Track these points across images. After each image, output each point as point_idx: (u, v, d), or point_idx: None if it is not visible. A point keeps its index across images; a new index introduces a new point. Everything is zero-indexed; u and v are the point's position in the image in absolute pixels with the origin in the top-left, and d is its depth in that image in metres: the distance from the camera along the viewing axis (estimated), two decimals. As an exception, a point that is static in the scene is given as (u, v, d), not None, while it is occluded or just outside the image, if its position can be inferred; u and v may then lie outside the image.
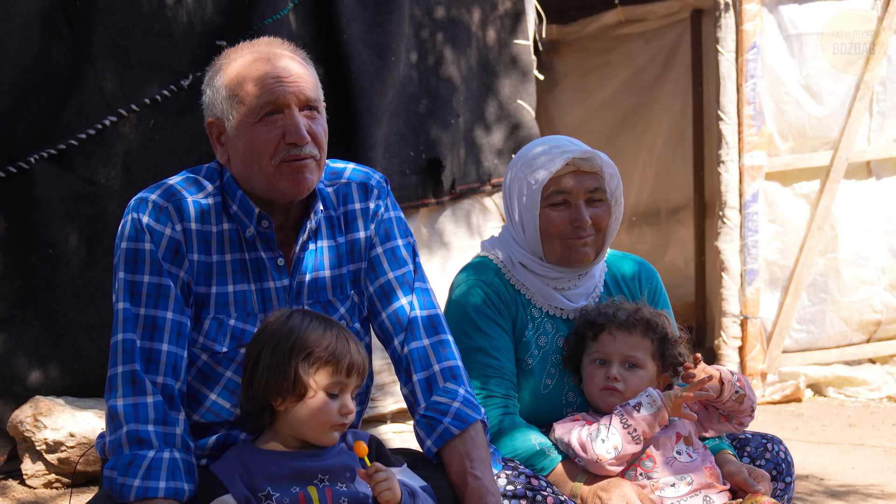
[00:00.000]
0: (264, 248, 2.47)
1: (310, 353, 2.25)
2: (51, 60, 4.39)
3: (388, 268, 2.57)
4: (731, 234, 6.24)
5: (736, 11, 6.16)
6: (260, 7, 4.67)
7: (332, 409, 2.26)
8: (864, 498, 4.38)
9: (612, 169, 2.93)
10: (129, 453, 2.26)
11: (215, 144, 2.47)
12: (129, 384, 2.31)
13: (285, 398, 2.26)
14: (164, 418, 2.31)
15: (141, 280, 2.37)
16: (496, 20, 5.50)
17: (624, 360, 2.80)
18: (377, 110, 4.98)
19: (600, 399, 2.81)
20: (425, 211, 5.34)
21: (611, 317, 2.83)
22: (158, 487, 2.24)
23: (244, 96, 2.38)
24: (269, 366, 2.26)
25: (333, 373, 2.26)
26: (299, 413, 2.27)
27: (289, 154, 2.38)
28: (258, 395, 2.28)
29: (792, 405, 6.27)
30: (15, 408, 4.28)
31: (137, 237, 2.38)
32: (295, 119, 2.38)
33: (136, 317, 2.35)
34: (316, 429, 2.27)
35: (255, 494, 2.22)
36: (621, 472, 2.70)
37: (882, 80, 6.34)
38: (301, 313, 2.33)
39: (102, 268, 4.41)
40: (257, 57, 2.41)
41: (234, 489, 2.21)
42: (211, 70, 2.48)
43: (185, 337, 2.39)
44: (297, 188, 2.41)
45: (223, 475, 2.23)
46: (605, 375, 2.79)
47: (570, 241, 2.88)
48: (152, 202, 2.41)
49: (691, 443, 2.77)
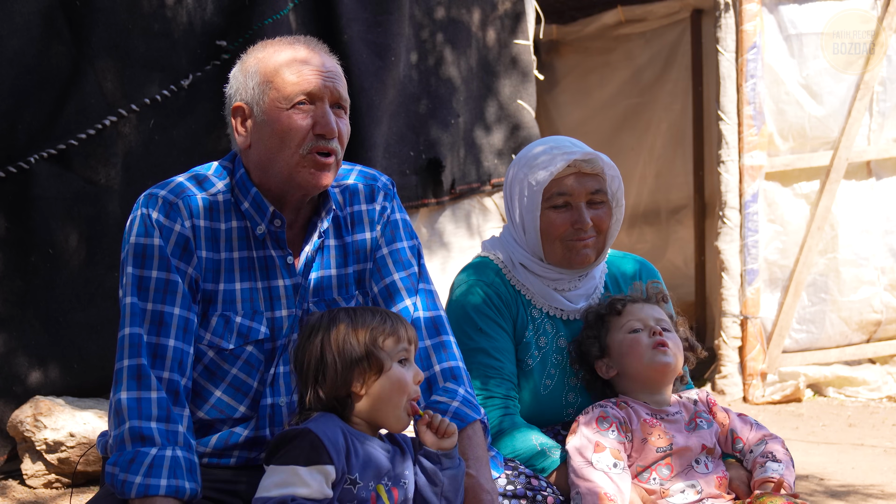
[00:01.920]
0: (274, 246, 2.47)
1: (372, 329, 2.27)
2: (51, 60, 4.39)
3: (393, 269, 2.58)
4: (731, 234, 6.25)
5: (736, 11, 6.16)
6: (260, 7, 4.67)
7: (408, 379, 2.28)
8: (864, 498, 4.38)
9: (614, 170, 2.93)
10: (132, 450, 2.26)
11: (237, 129, 2.47)
12: (135, 378, 2.31)
13: (365, 379, 2.26)
14: (168, 415, 2.31)
15: (149, 275, 2.37)
16: (496, 20, 5.50)
17: (658, 323, 2.80)
18: (377, 110, 4.98)
19: (652, 360, 2.74)
20: (425, 211, 5.34)
21: (627, 296, 2.86)
22: (159, 485, 2.24)
23: (280, 83, 2.40)
24: (339, 354, 2.26)
25: (398, 341, 2.28)
26: (382, 389, 2.27)
27: (316, 145, 2.40)
28: (338, 384, 2.26)
29: (792, 405, 6.27)
30: (15, 408, 4.28)
31: (147, 232, 2.39)
32: (326, 111, 2.41)
33: (144, 312, 2.36)
34: (398, 403, 2.27)
35: (344, 475, 2.21)
36: (635, 474, 2.69)
37: (882, 80, 6.34)
38: (338, 308, 2.36)
39: (102, 268, 4.41)
40: (296, 48, 2.45)
41: (338, 462, 2.19)
42: (244, 57, 2.50)
43: (191, 333, 2.39)
44: (316, 183, 2.42)
45: (331, 445, 2.19)
46: (652, 332, 2.75)
47: (571, 242, 2.88)
48: (162, 198, 2.42)
49: (713, 453, 2.76)
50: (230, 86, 2.50)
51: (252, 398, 2.46)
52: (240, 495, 2.43)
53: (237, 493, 2.43)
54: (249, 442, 2.45)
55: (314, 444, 2.18)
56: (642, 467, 2.69)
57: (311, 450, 2.17)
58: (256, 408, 2.46)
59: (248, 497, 2.42)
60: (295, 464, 2.16)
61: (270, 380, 2.46)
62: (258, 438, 2.46)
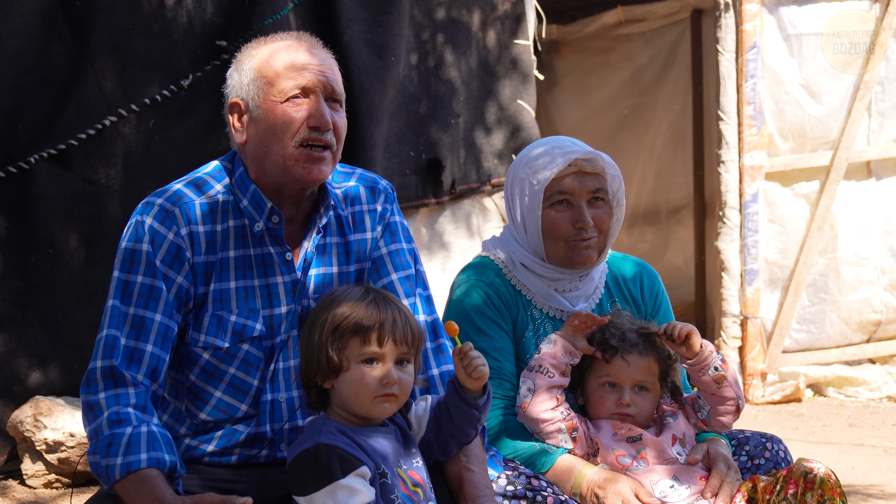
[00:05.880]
0: (272, 242, 2.48)
1: (336, 327, 2.25)
2: (51, 60, 4.39)
3: (391, 269, 2.59)
4: (731, 234, 6.25)
5: (736, 11, 6.16)
6: (260, 7, 4.67)
7: (371, 380, 2.24)
8: (865, 498, 4.38)
9: (615, 170, 2.93)
10: (108, 433, 2.26)
11: (233, 125, 2.49)
12: (109, 378, 2.32)
13: (325, 377, 2.26)
14: (144, 406, 2.32)
15: (134, 280, 2.39)
16: (496, 21, 5.50)
17: (635, 385, 2.78)
18: (377, 110, 4.98)
19: (612, 416, 2.77)
20: (425, 211, 5.34)
21: (624, 340, 2.78)
22: (140, 459, 2.23)
23: (273, 77, 2.42)
24: (305, 347, 2.29)
25: (362, 343, 2.24)
26: (341, 389, 2.26)
27: (310, 136, 2.41)
28: (302, 376, 2.30)
29: (792, 405, 6.27)
30: (15, 408, 4.28)
31: (137, 238, 2.41)
32: (320, 103, 2.43)
33: (125, 315, 2.37)
34: (358, 402, 2.25)
35: (375, 472, 2.20)
36: (623, 469, 2.70)
37: (881, 81, 6.35)
38: (340, 289, 2.35)
39: (102, 268, 4.41)
40: (290, 43, 2.48)
41: (368, 461, 2.17)
42: (239, 55, 2.52)
43: (169, 341, 2.40)
44: (310, 176, 2.42)
45: (350, 448, 2.17)
46: (617, 401, 2.76)
47: (573, 242, 2.87)
48: (158, 205, 2.43)
49: (686, 444, 2.77)
50: (227, 84, 2.53)
51: (253, 396, 2.46)
52: (240, 494, 2.42)
53: (238, 491, 2.42)
54: (250, 439, 2.46)
55: (338, 454, 2.16)
56: (566, 411, 2.73)
57: (339, 460, 2.16)
58: (257, 405, 2.46)
59: (248, 496, 2.42)
60: (333, 480, 2.14)
61: (270, 376, 2.46)
62: (258, 435, 2.46)
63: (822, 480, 2.55)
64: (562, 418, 2.71)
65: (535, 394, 2.71)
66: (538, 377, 2.73)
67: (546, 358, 2.74)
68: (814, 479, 2.56)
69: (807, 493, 2.56)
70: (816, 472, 2.56)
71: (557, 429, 2.70)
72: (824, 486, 2.55)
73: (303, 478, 2.18)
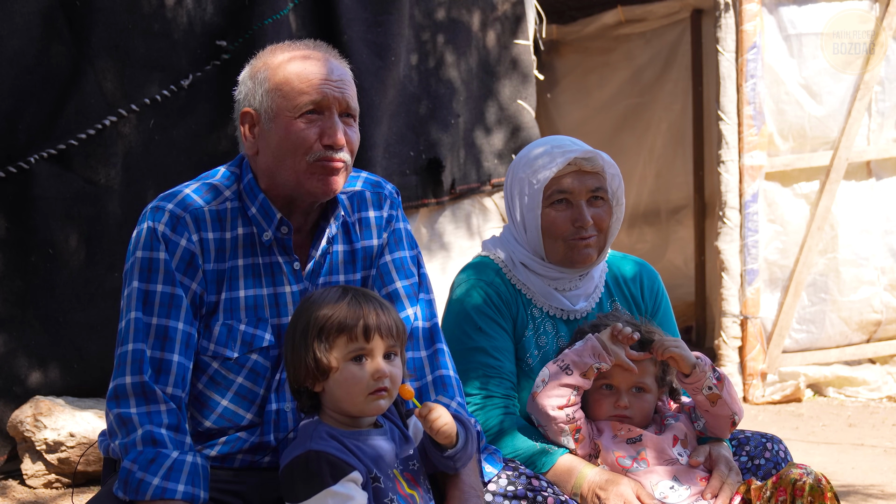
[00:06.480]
0: (280, 252, 2.47)
1: (320, 329, 2.24)
2: (51, 60, 4.39)
3: (395, 277, 2.58)
4: (731, 234, 6.24)
5: (736, 11, 6.16)
6: (260, 7, 4.67)
7: (362, 377, 2.24)
8: (865, 498, 4.38)
9: (614, 169, 2.93)
10: (153, 450, 2.26)
11: (245, 135, 2.46)
12: (141, 395, 2.31)
13: (315, 380, 2.26)
14: (178, 425, 2.32)
15: (154, 289, 2.37)
16: (496, 21, 5.50)
17: (632, 387, 2.77)
18: (377, 110, 4.98)
19: (611, 418, 2.77)
20: (425, 211, 5.34)
21: None
22: (177, 490, 2.24)
23: (288, 91, 2.39)
24: (291, 353, 2.28)
25: (349, 341, 2.24)
26: (332, 390, 2.26)
27: (324, 155, 2.39)
28: (291, 382, 2.29)
29: (792, 405, 6.27)
30: (15, 408, 4.28)
31: (153, 246, 2.38)
32: (335, 122, 2.41)
33: (148, 326, 2.35)
34: (351, 401, 2.25)
35: (367, 476, 2.20)
36: (623, 471, 2.70)
37: (881, 81, 6.34)
38: (316, 293, 2.33)
39: (102, 268, 4.40)
40: (308, 55, 2.44)
41: (359, 465, 2.17)
42: (254, 62, 2.49)
43: (192, 348, 2.39)
44: (325, 189, 2.41)
45: (340, 453, 2.16)
46: (615, 404, 2.75)
47: (573, 241, 2.88)
48: (169, 211, 2.40)
49: (687, 445, 2.76)
50: (239, 90, 2.49)
51: (259, 405, 2.45)
52: (241, 496, 2.43)
53: (238, 493, 2.43)
54: (253, 447, 2.45)
55: (329, 460, 2.17)
56: (577, 408, 2.71)
57: (330, 466, 2.16)
58: (262, 414, 2.45)
59: (250, 498, 2.42)
60: (324, 487, 2.14)
61: (276, 385, 2.46)
62: (262, 444, 2.45)
63: (812, 488, 2.54)
64: (566, 419, 2.69)
65: (548, 386, 2.69)
66: (556, 371, 2.70)
67: (570, 354, 2.71)
68: (803, 486, 2.55)
69: (796, 500, 2.55)
70: (805, 480, 2.55)
71: (560, 429, 2.70)
72: (814, 493, 2.54)
73: (294, 485, 2.19)
